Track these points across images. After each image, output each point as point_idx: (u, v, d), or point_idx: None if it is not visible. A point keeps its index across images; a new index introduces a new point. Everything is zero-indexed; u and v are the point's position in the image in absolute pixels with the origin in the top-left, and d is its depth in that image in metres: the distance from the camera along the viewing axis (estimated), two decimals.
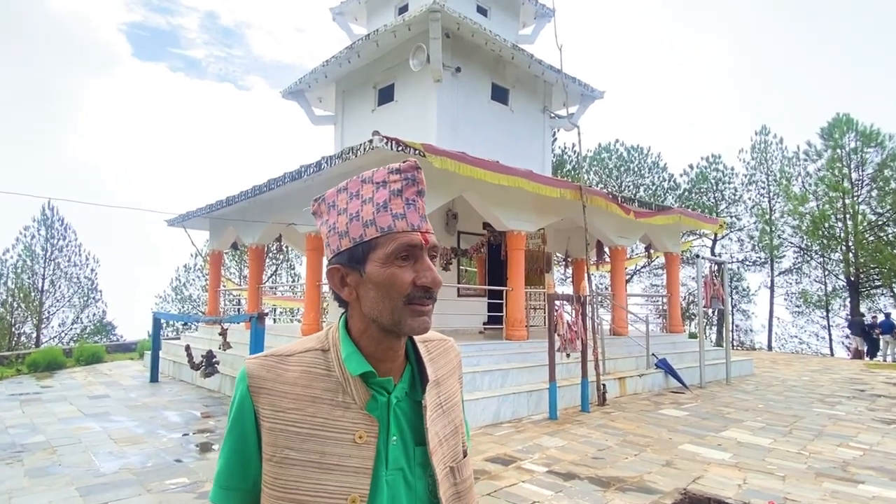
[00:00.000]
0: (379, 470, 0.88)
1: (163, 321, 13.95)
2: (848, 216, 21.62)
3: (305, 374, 0.90)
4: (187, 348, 8.77)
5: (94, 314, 21.85)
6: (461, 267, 11.00)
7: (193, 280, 25.27)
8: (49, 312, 20.68)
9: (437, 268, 0.91)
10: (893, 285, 21.21)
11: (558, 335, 7.48)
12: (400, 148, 6.91)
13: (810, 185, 22.98)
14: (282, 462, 0.86)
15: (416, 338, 0.98)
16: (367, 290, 0.87)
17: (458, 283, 10.68)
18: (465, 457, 1.00)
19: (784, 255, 24.15)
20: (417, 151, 7.01)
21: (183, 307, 24.38)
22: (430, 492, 0.91)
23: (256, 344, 7.01)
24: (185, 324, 19.90)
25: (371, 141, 6.87)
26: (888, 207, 20.97)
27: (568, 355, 7.63)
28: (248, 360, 0.92)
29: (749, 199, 24.62)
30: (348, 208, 0.89)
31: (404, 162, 0.91)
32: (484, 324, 10.90)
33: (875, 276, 21.59)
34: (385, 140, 6.82)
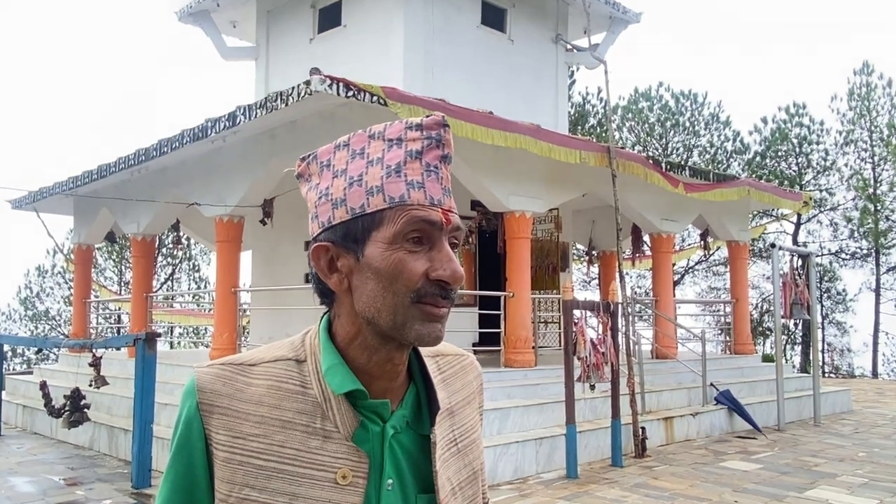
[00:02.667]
0: None
1: (7, 347, 13.73)
2: None
3: (274, 390, 0.93)
4: (43, 386, 8.67)
5: None
6: None
7: (51, 288, 24.98)
8: None
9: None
10: None
11: (579, 359, 7.53)
12: (351, 92, 6.89)
13: None
14: None
15: (424, 350, 1.01)
16: (364, 280, 0.90)
17: None
18: None
19: (895, 245, 24.63)
20: (375, 98, 7.00)
21: (36, 327, 24.12)
22: None
23: (145, 378, 6.94)
24: (40, 351, 19.66)
25: (308, 83, 6.82)
26: None
27: (592, 387, 7.69)
28: (200, 370, 0.95)
29: (846, 165, 25.04)
30: (348, 169, 0.92)
31: (428, 116, 0.94)
32: (474, 344, 10.94)
33: None
34: (329, 81, 6.78)
